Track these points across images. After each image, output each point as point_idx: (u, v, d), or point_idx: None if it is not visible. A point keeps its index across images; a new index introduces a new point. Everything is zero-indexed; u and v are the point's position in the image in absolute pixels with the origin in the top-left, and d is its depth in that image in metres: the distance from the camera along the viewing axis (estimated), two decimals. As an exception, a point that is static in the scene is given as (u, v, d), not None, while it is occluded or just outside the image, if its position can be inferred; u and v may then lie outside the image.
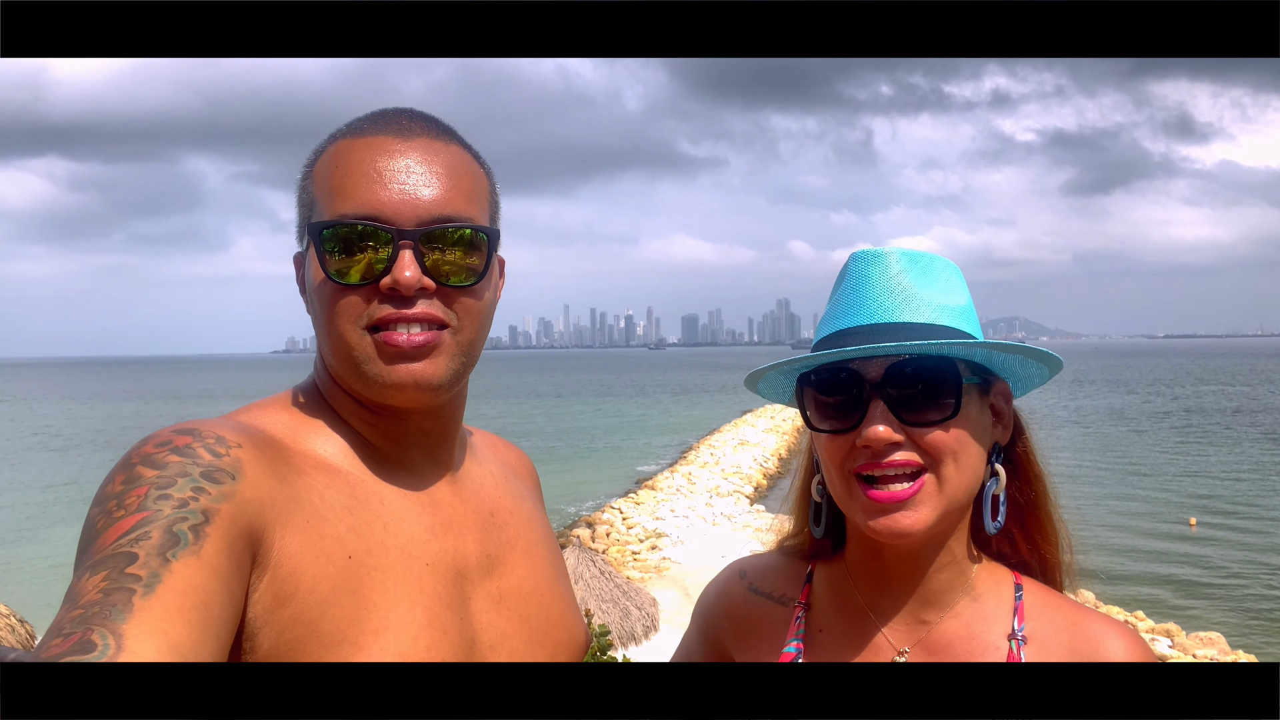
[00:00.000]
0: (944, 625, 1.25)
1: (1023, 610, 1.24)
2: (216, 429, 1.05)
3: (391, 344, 1.13)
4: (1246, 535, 22.27)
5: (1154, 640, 13.80)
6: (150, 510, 0.92)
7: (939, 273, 1.25)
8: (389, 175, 1.13)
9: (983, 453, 1.24)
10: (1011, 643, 1.21)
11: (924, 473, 1.18)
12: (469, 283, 1.16)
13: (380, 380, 1.14)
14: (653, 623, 12.85)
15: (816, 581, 1.38)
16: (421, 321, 1.13)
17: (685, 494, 27.42)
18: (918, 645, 1.25)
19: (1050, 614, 1.24)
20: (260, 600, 1.00)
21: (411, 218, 1.12)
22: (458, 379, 1.19)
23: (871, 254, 1.24)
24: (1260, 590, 17.79)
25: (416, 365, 1.14)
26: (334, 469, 1.15)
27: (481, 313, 1.20)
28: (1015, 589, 1.27)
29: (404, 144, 1.15)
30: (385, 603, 1.09)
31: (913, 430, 1.17)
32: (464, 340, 1.18)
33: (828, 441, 1.22)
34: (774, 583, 1.41)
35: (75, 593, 0.86)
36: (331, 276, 1.13)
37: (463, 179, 1.17)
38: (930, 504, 1.17)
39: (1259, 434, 43.25)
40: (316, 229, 1.14)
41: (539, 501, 1.49)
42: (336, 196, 1.13)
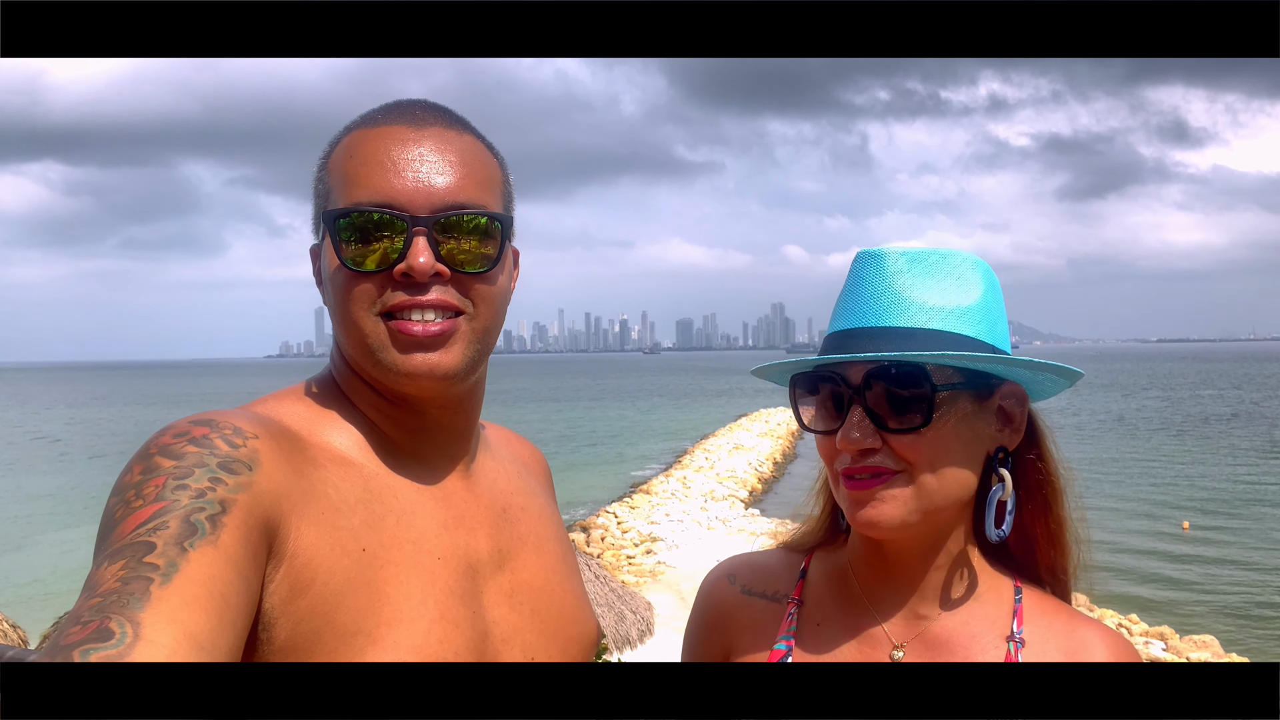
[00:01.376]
0: (942, 622, 1.25)
1: (1022, 614, 1.24)
2: (234, 420, 1.06)
3: (406, 333, 1.13)
4: (1241, 537, 22.34)
5: (1148, 643, 13.84)
6: (168, 500, 0.93)
7: (948, 271, 1.22)
8: (403, 163, 1.14)
9: (973, 458, 1.22)
10: (1010, 644, 1.22)
11: (898, 473, 1.19)
12: (483, 269, 1.17)
13: (395, 368, 1.15)
14: (648, 627, 12.84)
15: (813, 574, 1.38)
16: (436, 308, 1.14)
17: (680, 498, 27.41)
18: (915, 640, 1.25)
19: (1048, 619, 1.25)
20: (277, 591, 1.00)
21: (425, 205, 1.13)
22: (473, 367, 1.20)
23: (869, 255, 1.24)
24: (1254, 593, 17.85)
25: (433, 355, 1.14)
26: (349, 462, 1.16)
27: (496, 299, 1.20)
28: (1015, 592, 1.27)
29: (417, 133, 1.16)
30: (399, 595, 1.09)
31: (889, 436, 1.18)
32: (479, 327, 1.18)
33: (819, 440, 1.26)
34: (766, 581, 1.40)
35: (94, 581, 0.87)
36: (346, 264, 1.14)
37: (476, 167, 1.19)
38: (898, 502, 1.18)
39: (1252, 437, 43.40)
40: (331, 216, 1.15)
41: (552, 497, 1.50)
42: (351, 185, 1.14)
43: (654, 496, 27.85)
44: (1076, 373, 1.26)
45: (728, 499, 27.56)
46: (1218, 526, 23.74)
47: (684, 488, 29.37)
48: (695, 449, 40.40)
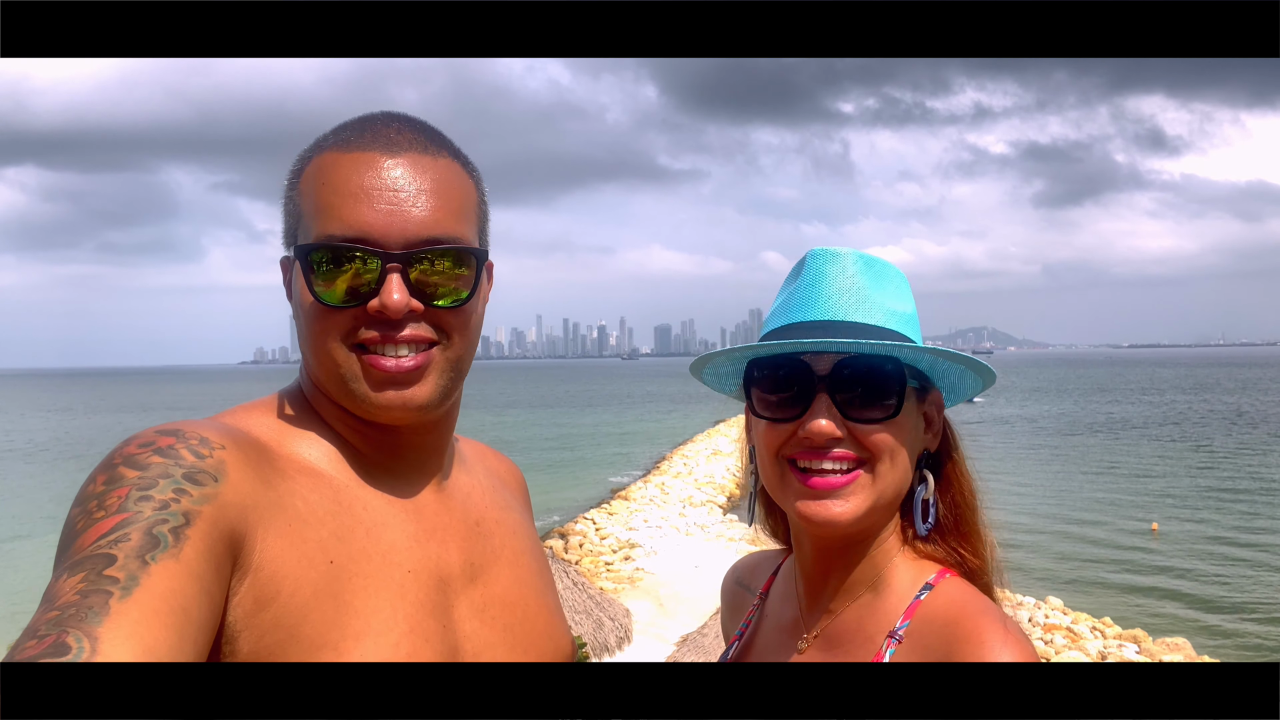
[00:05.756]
0: (845, 616, 1.28)
1: (916, 609, 1.22)
2: (201, 430, 1.04)
3: (379, 368, 1.12)
4: (1209, 541, 22.63)
5: (1121, 646, 13.96)
6: (131, 511, 0.91)
7: (890, 279, 1.30)
8: (375, 194, 1.11)
9: (915, 452, 1.28)
10: (886, 641, 1.21)
11: (859, 467, 1.22)
12: (457, 303, 1.16)
13: (367, 401, 1.14)
14: (626, 634, 12.82)
15: (782, 571, 1.46)
16: (410, 343, 1.13)
17: (658, 504, 27.38)
18: (820, 635, 1.29)
19: (945, 615, 1.19)
20: (240, 604, 0.99)
21: (399, 239, 1.11)
22: (446, 396, 1.19)
23: (830, 253, 1.28)
24: (1224, 595, 18.08)
25: (406, 391, 1.14)
26: (318, 473, 1.15)
27: (470, 329, 1.19)
28: (925, 588, 1.24)
29: (391, 159, 1.13)
30: (367, 609, 1.08)
31: (854, 426, 1.21)
32: (453, 356, 1.18)
33: (767, 428, 1.26)
34: (752, 575, 1.53)
35: (52, 593, 0.86)
36: (319, 298, 1.12)
37: (451, 196, 1.16)
38: (861, 496, 1.21)
39: (1218, 438, 44.01)
40: (304, 251, 1.13)
41: (527, 512, 1.49)
42: (323, 216, 1.12)
43: (632, 503, 27.80)
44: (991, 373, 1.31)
45: (706, 505, 27.56)
46: (1186, 529, 24.03)
47: (662, 494, 29.36)
48: (673, 455, 40.41)
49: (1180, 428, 51.64)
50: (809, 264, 1.29)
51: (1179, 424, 53.99)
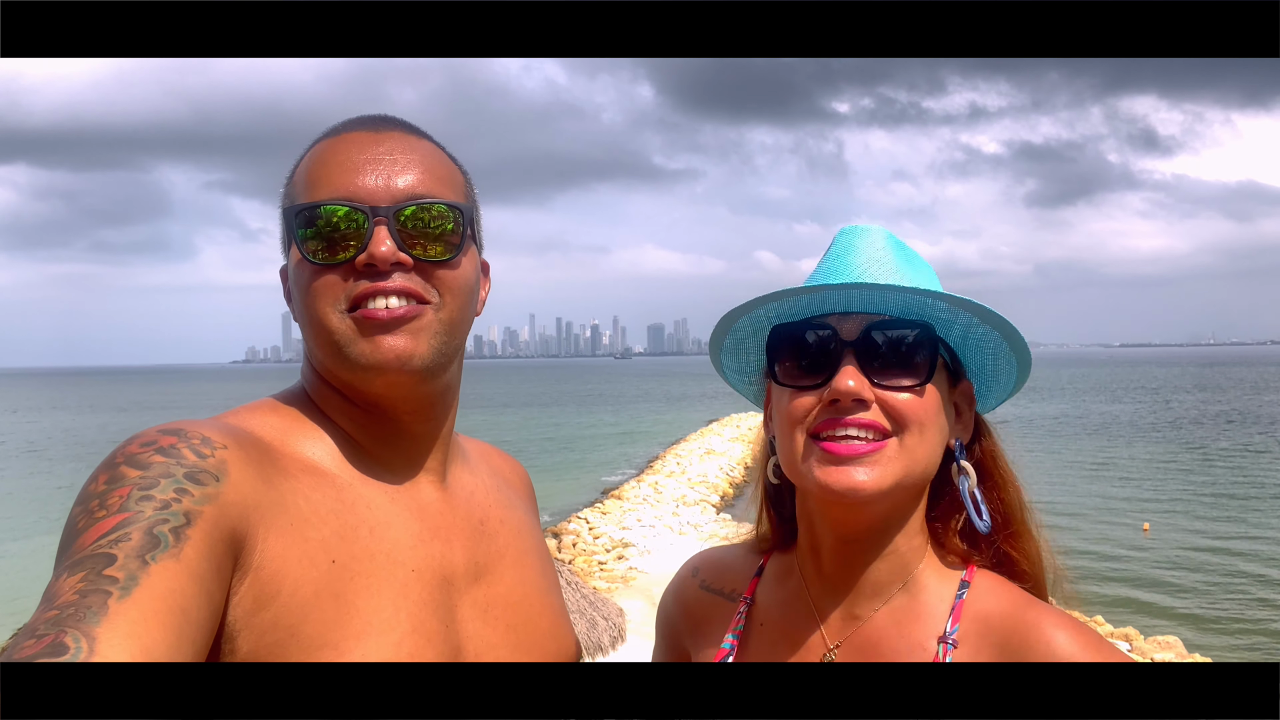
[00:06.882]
0: (875, 620, 1.22)
1: (960, 610, 1.18)
2: (203, 430, 1.04)
3: (371, 318, 1.13)
4: (1201, 538, 22.74)
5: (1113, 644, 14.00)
6: (131, 511, 0.91)
7: (918, 258, 1.27)
8: (363, 164, 1.15)
9: (944, 435, 1.21)
10: (940, 646, 1.16)
11: (887, 437, 1.15)
12: (446, 258, 1.17)
13: (363, 360, 1.13)
14: (619, 633, 12.81)
15: (766, 575, 1.36)
16: (400, 294, 1.14)
17: (652, 503, 27.38)
18: (847, 642, 1.22)
19: (991, 614, 1.17)
20: (241, 603, 0.99)
21: (386, 197, 1.14)
22: (442, 360, 1.18)
23: (860, 228, 1.26)
24: (1216, 593, 18.16)
25: (399, 340, 1.13)
26: (321, 472, 1.15)
27: (461, 288, 1.20)
28: (961, 587, 1.21)
29: (377, 137, 1.18)
30: (369, 608, 1.08)
31: (882, 393, 1.15)
32: (446, 317, 1.17)
33: (791, 398, 1.19)
34: (725, 578, 1.40)
35: (52, 593, 0.86)
36: (308, 258, 1.14)
37: (435, 166, 1.20)
38: (888, 467, 1.14)
39: (1211, 438, 44.22)
40: (293, 212, 1.15)
41: (532, 512, 1.49)
42: (313, 187, 1.15)
43: (626, 502, 27.80)
44: (1026, 354, 1.25)
45: (699, 504, 27.58)
46: (1178, 527, 24.14)
47: (656, 493, 29.35)
48: (667, 454, 40.42)
49: (1173, 427, 51.86)
50: (838, 239, 1.26)
51: (1172, 423, 54.21)
